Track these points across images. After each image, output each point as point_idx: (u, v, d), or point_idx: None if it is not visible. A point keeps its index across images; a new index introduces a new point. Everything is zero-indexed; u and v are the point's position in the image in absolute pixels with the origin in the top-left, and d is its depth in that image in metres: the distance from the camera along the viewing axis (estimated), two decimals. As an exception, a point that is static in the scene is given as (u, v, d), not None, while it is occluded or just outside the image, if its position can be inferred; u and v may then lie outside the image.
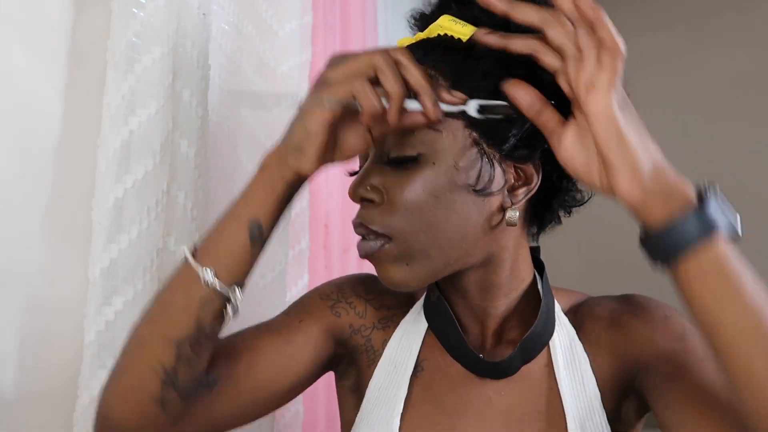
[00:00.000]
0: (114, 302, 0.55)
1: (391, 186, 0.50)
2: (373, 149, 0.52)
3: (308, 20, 0.89)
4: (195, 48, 0.66)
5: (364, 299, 0.63)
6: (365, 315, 0.62)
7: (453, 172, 0.49)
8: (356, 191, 0.51)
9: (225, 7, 0.80)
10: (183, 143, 0.65)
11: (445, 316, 0.57)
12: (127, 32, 0.58)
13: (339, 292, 0.63)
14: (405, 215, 0.49)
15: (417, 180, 0.49)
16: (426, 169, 0.49)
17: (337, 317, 0.61)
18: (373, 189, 0.51)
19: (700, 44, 1.65)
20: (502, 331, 0.58)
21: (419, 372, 0.58)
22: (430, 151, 0.49)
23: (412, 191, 0.49)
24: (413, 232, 0.50)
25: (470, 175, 0.50)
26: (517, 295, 0.57)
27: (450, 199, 0.49)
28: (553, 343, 0.56)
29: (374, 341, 0.61)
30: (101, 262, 0.55)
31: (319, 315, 0.61)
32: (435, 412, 0.55)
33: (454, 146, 0.49)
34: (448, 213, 0.50)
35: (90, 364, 0.54)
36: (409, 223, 0.49)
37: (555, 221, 0.59)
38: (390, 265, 0.51)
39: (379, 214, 0.50)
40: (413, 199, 0.49)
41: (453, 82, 0.49)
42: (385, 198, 0.50)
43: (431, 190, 0.49)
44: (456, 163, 0.49)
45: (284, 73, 0.83)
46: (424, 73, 0.45)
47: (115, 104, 0.57)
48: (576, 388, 0.54)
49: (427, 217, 0.49)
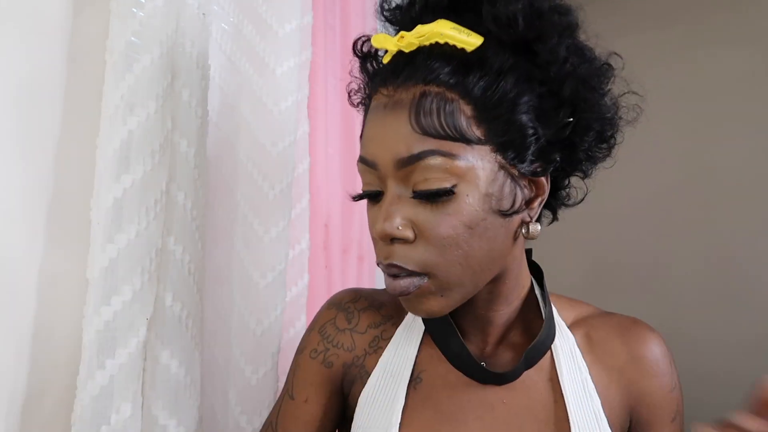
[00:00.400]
0: (113, 302, 0.55)
1: (423, 221, 0.48)
2: (392, 182, 0.49)
3: (308, 20, 0.89)
4: (194, 48, 0.66)
5: (348, 331, 0.62)
6: (354, 347, 0.61)
7: (484, 200, 0.48)
8: (386, 231, 0.48)
9: (225, 7, 0.80)
10: (182, 143, 0.65)
11: (445, 325, 0.56)
12: (125, 32, 0.58)
13: (324, 340, 0.62)
14: (442, 251, 0.47)
15: (452, 214, 0.47)
16: (460, 201, 0.47)
17: (330, 368, 0.61)
18: (405, 227, 0.48)
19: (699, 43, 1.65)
20: (503, 337, 0.58)
21: (417, 383, 0.57)
22: (462, 182, 0.47)
23: (449, 226, 0.47)
24: (450, 266, 0.48)
25: (503, 200, 0.49)
26: (519, 302, 0.58)
27: (482, 227, 0.48)
28: (556, 348, 0.56)
29: (368, 366, 0.60)
30: (100, 262, 0.55)
31: (318, 380, 0.61)
32: (435, 418, 0.54)
33: (483, 174, 0.47)
34: (481, 240, 0.48)
35: (88, 364, 0.54)
36: (445, 258, 0.48)
37: (554, 219, 0.60)
38: (426, 299, 0.50)
39: (414, 252, 0.48)
40: (449, 234, 0.47)
41: (475, 106, 0.47)
42: (417, 234, 0.48)
43: (467, 222, 0.47)
44: (488, 190, 0.48)
45: (284, 73, 0.82)
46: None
47: (113, 104, 0.57)
48: (579, 396, 0.54)
49: (463, 249, 0.48)
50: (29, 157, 0.56)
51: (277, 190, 0.80)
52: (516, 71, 0.48)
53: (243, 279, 0.79)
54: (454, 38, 0.47)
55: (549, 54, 0.48)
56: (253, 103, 0.81)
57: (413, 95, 0.47)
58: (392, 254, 0.49)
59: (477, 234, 0.48)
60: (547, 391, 0.55)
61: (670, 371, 0.58)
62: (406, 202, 0.48)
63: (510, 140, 0.48)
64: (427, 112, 0.46)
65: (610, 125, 0.54)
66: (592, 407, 0.54)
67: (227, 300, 0.79)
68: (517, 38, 0.47)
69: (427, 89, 0.47)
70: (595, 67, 0.52)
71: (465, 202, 0.47)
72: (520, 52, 0.48)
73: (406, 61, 0.49)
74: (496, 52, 0.47)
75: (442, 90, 0.47)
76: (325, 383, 0.61)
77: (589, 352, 0.57)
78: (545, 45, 0.48)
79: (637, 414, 0.57)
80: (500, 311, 0.57)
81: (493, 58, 0.47)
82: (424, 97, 0.47)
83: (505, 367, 0.56)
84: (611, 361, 0.57)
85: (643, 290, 1.66)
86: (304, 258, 0.89)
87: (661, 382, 0.57)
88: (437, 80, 0.47)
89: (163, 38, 0.60)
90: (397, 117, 0.47)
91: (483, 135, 0.47)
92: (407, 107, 0.47)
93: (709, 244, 1.59)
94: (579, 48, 0.51)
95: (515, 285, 0.56)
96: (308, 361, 0.62)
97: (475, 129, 0.47)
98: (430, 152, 0.46)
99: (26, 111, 0.56)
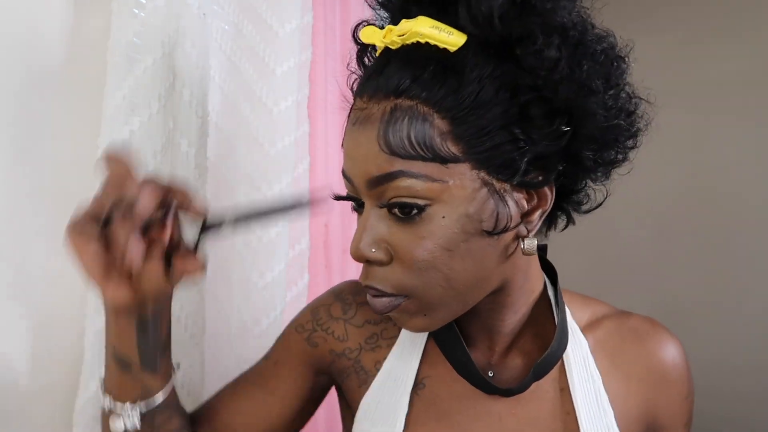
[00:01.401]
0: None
1: (398, 243, 0.45)
2: (368, 201, 0.46)
3: (308, 20, 0.89)
4: (195, 48, 0.66)
5: (342, 321, 0.60)
6: (347, 337, 0.59)
7: (465, 221, 0.44)
8: (359, 253, 0.46)
9: (225, 7, 0.79)
10: (183, 143, 0.65)
11: (451, 332, 0.53)
12: (127, 32, 0.58)
13: (314, 320, 0.61)
14: (419, 274, 0.45)
15: (426, 237, 0.43)
16: (434, 223, 0.43)
17: (314, 348, 0.60)
18: (379, 248, 0.45)
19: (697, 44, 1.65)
20: (513, 343, 0.56)
21: (420, 389, 0.55)
22: (437, 203, 0.43)
23: (424, 250, 0.44)
24: (430, 288, 0.45)
25: (485, 220, 0.44)
26: (527, 309, 0.55)
27: (464, 249, 0.44)
28: (567, 358, 0.54)
29: (364, 363, 0.58)
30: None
31: (296, 351, 0.60)
32: (439, 427, 0.53)
33: (462, 193, 0.43)
34: (464, 262, 0.45)
35: (90, 363, 0.54)
36: (423, 281, 0.45)
37: (569, 222, 0.56)
38: (409, 317, 0.48)
39: (391, 274, 0.46)
40: (425, 258, 0.44)
41: (452, 121, 0.43)
42: (393, 256, 0.45)
43: (443, 245, 0.44)
44: (467, 211, 0.44)
45: (284, 73, 0.82)
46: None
47: (115, 104, 0.57)
48: (592, 408, 0.52)
49: (442, 271, 0.44)
50: (30, 156, 0.56)
51: (277, 189, 0.80)
52: (499, 77, 0.43)
53: (243, 279, 0.79)
54: (434, 37, 0.42)
55: (533, 58, 0.41)
56: (253, 103, 0.81)
57: (384, 110, 0.44)
58: (369, 275, 0.47)
59: (458, 256, 0.44)
60: (559, 402, 0.53)
61: (688, 377, 0.56)
62: (381, 222, 0.45)
63: (493, 156, 0.43)
64: (397, 130, 0.43)
65: (619, 132, 0.48)
66: (605, 420, 0.51)
67: (227, 300, 0.79)
68: (499, 39, 0.42)
69: (398, 103, 0.43)
70: (601, 64, 0.44)
71: (440, 224, 0.43)
72: (506, 53, 0.43)
73: (381, 67, 0.45)
74: (475, 56, 0.43)
75: (414, 104, 0.43)
76: (304, 359, 0.60)
77: (604, 358, 0.55)
78: (529, 47, 0.41)
79: (654, 423, 0.55)
80: (506, 320, 0.54)
81: (472, 63, 0.42)
82: (394, 113, 0.43)
83: (515, 374, 0.54)
84: (629, 368, 0.54)
85: (644, 290, 1.67)
86: (304, 258, 0.89)
87: (680, 390, 0.55)
88: (408, 93, 0.43)
89: (165, 39, 0.60)
90: (368, 135, 0.44)
91: (461, 152, 0.43)
92: (377, 124, 0.44)
93: (710, 244, 1.59)
94: (578, 44, 0.43)
95: (520, 294, 0.53)
96: (292, 333, 0.62)
97: (450, 146, 0.43)
98: (400, 173, 0.43)
99: (27, 111, 0.56)
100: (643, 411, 0.54)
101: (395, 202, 0.44)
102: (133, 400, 0.48)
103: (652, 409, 0.55)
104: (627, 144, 0.50)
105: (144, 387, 0.48)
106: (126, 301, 0.42)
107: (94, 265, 0.40)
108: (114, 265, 0.41)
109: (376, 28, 0.47)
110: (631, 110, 0.48)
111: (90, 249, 0.40)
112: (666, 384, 0.55)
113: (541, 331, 0.55)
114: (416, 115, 0.43)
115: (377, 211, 0.46)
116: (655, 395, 0.55)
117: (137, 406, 0.48)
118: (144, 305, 0.45)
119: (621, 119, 0.47)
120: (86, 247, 0.40)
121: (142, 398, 0.48)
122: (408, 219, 0.44)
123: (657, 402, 0.55)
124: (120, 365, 0.47)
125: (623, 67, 0.47)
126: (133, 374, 0.47)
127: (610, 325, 0.57)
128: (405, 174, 0.43)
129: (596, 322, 0.57)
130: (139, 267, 0.41)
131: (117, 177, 0.42)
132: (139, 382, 0.48)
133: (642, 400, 0.54)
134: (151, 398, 0.49)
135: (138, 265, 0.41)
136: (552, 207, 0.51)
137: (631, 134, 0.49)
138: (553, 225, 0.56)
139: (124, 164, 0.42)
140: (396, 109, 0.43)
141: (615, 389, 0.54)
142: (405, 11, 0.45)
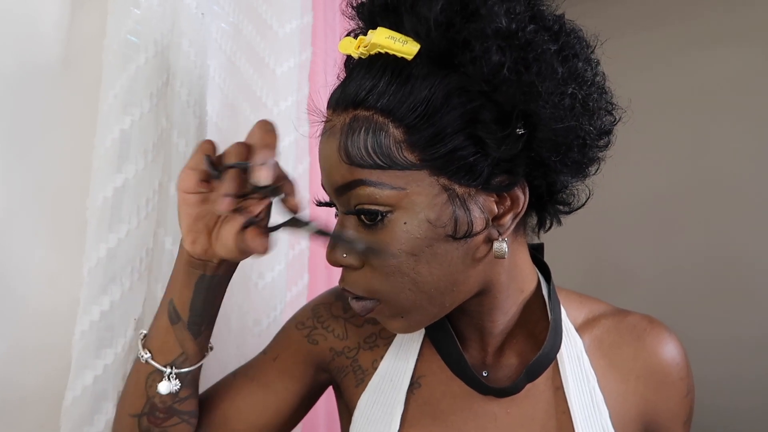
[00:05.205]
0: (101, 301, 0.55)
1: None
2: (340, 207, 0.48)
3: (308, 20, 0.89)
4: (192, 47, 0.66)
5: (342, 320, 0.61)
6: (346, 336, 0.60)
7: (426, 227, 0.45)
8: (331, 258, 0.48)
9: (225, 7, 0.79)
10: (181, 143, 0.65)
11: (445, 332, 0.54)
12: (122, 30, 0.58)
13: (314, 317, 0.62)
14: (386, 278, 0.46)
15: (390, 243, 0.45)
16: (397, 229, 0.45)
17: (314, 345, 0.60)
18: (350, 253, 0.47)
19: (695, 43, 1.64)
20: (506, 342, 0.56)
21: (416, 388, 0.55)
22: (397, 209, 0.45)
23: (389, 254, 0.45)
24: (398, 293, 0.47)
25: (447, 225, 0.45)
26: (518, 309, 0.55)
27: (430, 254, 0.45)
28: (561, 357, 0.53)
29: (362, 362, 0.59)
30: (89, 261, 0.55)
31: (295, 348, 0.61)
32: (435, 426, 0.53)
33: (421, 200, 0.44)
34: (431, 267, 0.46)
35: (76, 364, 0.54)
36: (392, 286, 0.46)
37: (555, 222, 0.55)
38: (387, 319, 0.50)
39: (362, 279, 0.48)
40: (391, 263, 0.45)
41: (406, 129, 0.44)
42: (364, 261, 0.47)
43: (407, 250, 0.45)
44: (427, 217, 0.45)
45: (284, 73, 0.82)
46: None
47: (108, 103, 0.57)
48: (586, 407, 0.52)
49: (409, 276, 0.46)
50: (26, 154, 0.56)
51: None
52: (448, 84, 0.43)
53: (243, 279, 0.78)
54: (390, 47, 0.44)
55: (472, 65, 0.42)
56: (253, 103, 0.81)
57: (344, 121, 0.46)
58: (345, 279, 0.49)
59: (424, 260, 0.45)
60: (554, 402, 0.53)
61: (687, 375, 0.55)
62: (352, 228, 0.47)
63: (449, 161, 0.44)
64: (355, 141, 0.44)
65: (583, 134, 0.46)
66: (600, 420, 0.51)
67: (227, 300, 0.79)
68: (445, 46, 0.43)
69: (356, 114, 0.45)
70: (557, 67, 0.43)
71: (402, 230, 0.45)
72: (452, 60, 0.43)
73: (346, 79, 0.48)
74: (427, 64, 0.43)
75: (370, 114, 0.44)
76: (304, 356, 0.60)
77: (600, 357, 0.54)
78: (467, 54, 0.42)
79: (652, 422, 0.54)
80: (497, 321, 0.54)
81: (423, 71, 0.43)
82: (353, 124, 0.45)
83: (509, 373, 0.55)
84: (627, 367, 0.54)
85: (643, 290, 1.65)
86: (304, 258, 0.89)
87: (679, 388, 0.55)
88: (365, 103, 0.44)
89: (158, 37, 0.60)
90: (331, 146, 0.46)
91: (417, 159, 0.44)
92: (338, 136, 0.46)
93: (709, 244, 1.58)
94: (527, 47, 0.42)
95: (507, 295, 0.53)
96: (293, 329, 0.62)
97: (407, 154, 0.44)
98: (360, 182, 0.44)
99: (23, 109, 0.56)
100: (641, 410, 0.54)
101: (359, 209, 0.45)
102: (169, 361, 0.51)
103: (651, 407, 0.54)
104: (598, 144, 0.49)
105: (184, 349, 0.51)
106: (199, 253, 0.48)
107: (186, 207, 0.47)
108: (203, 218, 0.47)
109: (352, 39, 0.49)
110: (596, 109, 0.47)
111: (190, 193, 0.46)
112: (665, 382, 0.54)
113: (535, 330, 0.55)
114: (373, 126, 0.44)
115: (348, 218, 0.48)
116: (654, 394, 0.54)
117: (173, 368, 0.51)
118: (211, 264, 0.49)
119: (582, 120, 0.45)
120: (187, 186, 0.46)
121: (177, 362, 0.51)
122: (373, 225, 0.45)
123: (656, 400, 0.54)
124: (171, 317, 0.50)
125: (581, 66, 0.45)
126: (177, 330, 0.50)
127: (608, 324, 0.56)
128: (365, 183, 0.44)
129: (593, 320, 0.57)
130: (223, 219, 0.47)
131: (260, 141, 0.45)
132: (181, 341, 0.51)
133: (640, 398, 0.54)
134: (185, 362, 0.52)
135: (225, 210, 0.44)
136: (538, 208, 0.52)
137: (598, 133, 0.48)
138: (543, 226, 0.55)
139: (272, 138, 0.46)
140: (354, 120, 0.45)
141: (612, 388, 0.53)
142: (372, 22, 0.47)
